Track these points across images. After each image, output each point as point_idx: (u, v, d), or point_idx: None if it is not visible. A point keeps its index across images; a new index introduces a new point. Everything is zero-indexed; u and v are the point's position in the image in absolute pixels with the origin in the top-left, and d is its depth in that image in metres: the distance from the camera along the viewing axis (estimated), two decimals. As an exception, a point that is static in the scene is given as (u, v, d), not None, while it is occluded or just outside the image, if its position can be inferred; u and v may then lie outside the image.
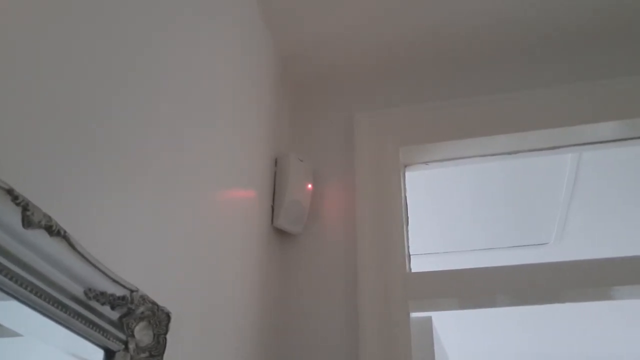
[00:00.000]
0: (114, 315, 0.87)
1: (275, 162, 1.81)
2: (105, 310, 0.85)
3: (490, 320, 3.31)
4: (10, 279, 0.69)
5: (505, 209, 2.63)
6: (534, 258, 2.52)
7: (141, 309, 0.91)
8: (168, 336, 1.01)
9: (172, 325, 1.09)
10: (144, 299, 0.91)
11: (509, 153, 1.87)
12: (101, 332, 0.84)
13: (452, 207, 2.68)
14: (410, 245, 1.77)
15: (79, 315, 0.80)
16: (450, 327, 3.20)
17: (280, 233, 1.77)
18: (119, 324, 0.88)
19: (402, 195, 1.81)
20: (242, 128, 1.63)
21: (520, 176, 2.44)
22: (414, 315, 1.70)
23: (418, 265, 1.77)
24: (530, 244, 2.80)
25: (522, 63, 1.89)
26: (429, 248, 2.92)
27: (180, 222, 1.19)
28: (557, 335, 3.48)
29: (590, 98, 1.79)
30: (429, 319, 1.72)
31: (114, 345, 0.87)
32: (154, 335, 0.93)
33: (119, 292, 0.86)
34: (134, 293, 0.89)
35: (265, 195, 1.72)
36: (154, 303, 0.93)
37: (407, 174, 1.98)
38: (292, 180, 1.75)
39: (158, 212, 1.12)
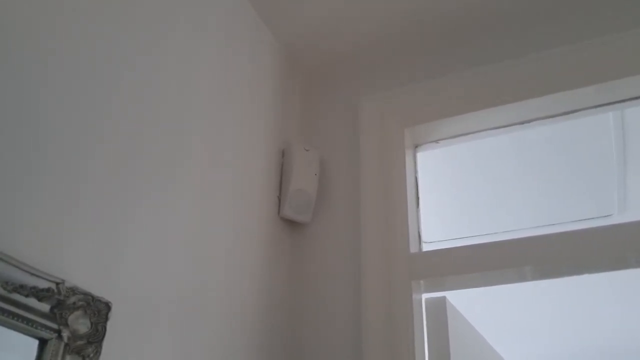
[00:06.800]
0: (45, 307, 0.95)
1: (283, 153, 1.84)
2: (32, 302, 0.93)
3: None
4: None
5: (558, 182, 2.50)
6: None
7: (72, 299, 0.98)
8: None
9: (151, 315, 1.17)
10: (74, 290, 0.98)
11: (522, 123, 1.79)
12: (26, 323, 0.91)
13: (505, 184, 2.60)
14: (447, 227, 1.70)
15: (-3, 309, 0.88)
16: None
17: (290, 223, 1.80)
18: (51, 315, 0.96)
19: (410, 175, 1.78)
20: (248, 122, 1.70)
21: (564, 146, 2.32)
22: (426, 295, 1.67)
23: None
24: (593, 216, 2.64)
25: (529, 25, 1.79)
26: (490, 228, 2.84)
27: (171, 219, 1.26)
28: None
29: (622, 51, 1.67)
30: (443, 299, 1.68)
31: (45, 335, 0.94)
32: (92, 323, 1.00)
33: (42, 284, 0.94)
34: (60, 285, 0.96)
35: (271, 187, 1.76)
36: (87, 294, 1.00)
37: (430, 153, 1.96)
38: (296, 169, 1.78)
39: (159, 209, 1.21)
